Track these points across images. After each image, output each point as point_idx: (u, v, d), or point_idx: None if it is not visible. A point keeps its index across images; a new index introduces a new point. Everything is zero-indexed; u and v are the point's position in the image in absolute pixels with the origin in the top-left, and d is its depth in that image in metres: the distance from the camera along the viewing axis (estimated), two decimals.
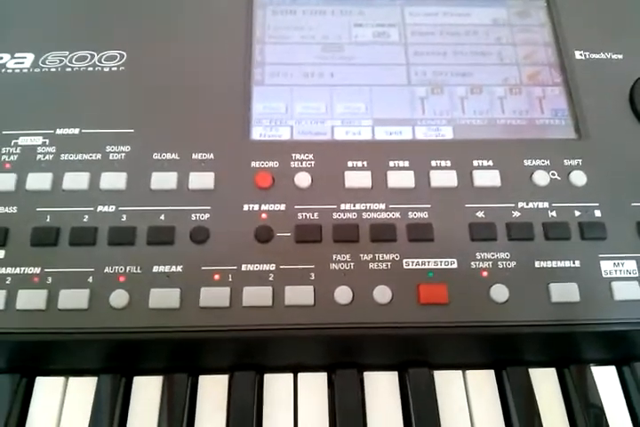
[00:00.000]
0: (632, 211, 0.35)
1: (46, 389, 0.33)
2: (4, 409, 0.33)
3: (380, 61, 0.40)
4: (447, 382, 0.34)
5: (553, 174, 0.36)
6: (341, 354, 0.34)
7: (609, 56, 0.40)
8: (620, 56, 0.40)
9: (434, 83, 0.40)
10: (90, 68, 0.38)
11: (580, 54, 0.40)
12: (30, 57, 0.39)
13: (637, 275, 0.34)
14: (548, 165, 0.36)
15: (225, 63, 0.39)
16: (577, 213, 0.35)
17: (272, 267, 0.33)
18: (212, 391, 0.33)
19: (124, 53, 0.39)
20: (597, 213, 0.35)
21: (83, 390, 0.33)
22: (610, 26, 0.41)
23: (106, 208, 0.34)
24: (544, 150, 0.37)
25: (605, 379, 0.35)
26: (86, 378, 0.34)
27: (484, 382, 0.34)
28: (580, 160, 0.36)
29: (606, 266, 0.34)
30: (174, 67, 0.39)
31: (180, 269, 0.33)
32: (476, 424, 0.33)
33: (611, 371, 0.35)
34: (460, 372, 0.34)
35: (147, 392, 0.33)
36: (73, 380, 0.34)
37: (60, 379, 0.34)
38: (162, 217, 0.34)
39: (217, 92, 0.38)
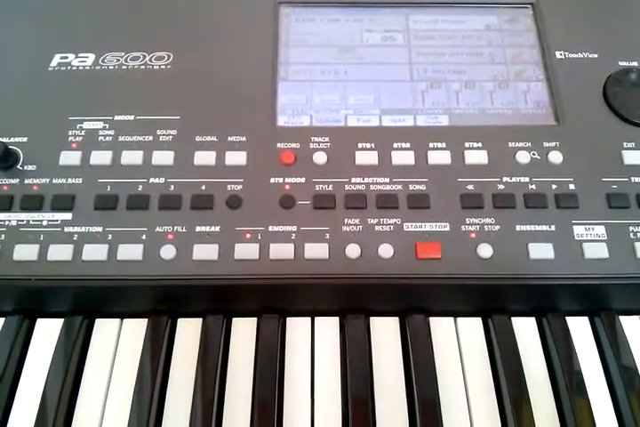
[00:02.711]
0: (602, 185, 0.41)
1: (104, 329, 0.40)
2: (67, 347, 0.39)
3: (386, 61, 0.47)
4: (441, 328, 0.40)
5: (534, 154, 0.42)
6: (351, 301, 0.40)
7: (585, 55, 0.46)
8: (596, 55, 0.46)
9: (433, 79, 0.46)
10: (142, 67, 0.45)
11: (561, 54, 0.46)
12: (92, 57, 0.46)
13: (605, 238, 0.39)
14: (530, 146, 0.42)
15: (255, 63, 0.46)
16: (554, 187, 0.41)
17: (294, 228, 0.39)
18: (244, 331, 0.39)
19: (171, 54, 0.46)
20: (572, 187, 0.41)
21: (135, 330, 0.40)
22: (587, 29, 0.48)
23: (157, 180, 0.41)
24: (526, 134, 0.43)
25: (579, 328, 0.40)
26: (138, 320, 0.40)
27: (472, 328, 0.40)
28: (557, 142, 0.42)
29: (578, 230, 0.40)
30: (213, 65, 0.45)
31: (217, 229, 0.39)
32: (465, 364, 0.39)
33: (583, 321, 0.40)
34: (452, 319, 0.40)
35: (188, 332, 0.40)
36: (127, 321, 0.40)
37: (116, 321, 0.40)
38: (203, 187, 0.41)
39: (249, 86, 0.45)
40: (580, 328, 0.40)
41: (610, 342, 0.39)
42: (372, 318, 0.40)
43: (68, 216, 0.40)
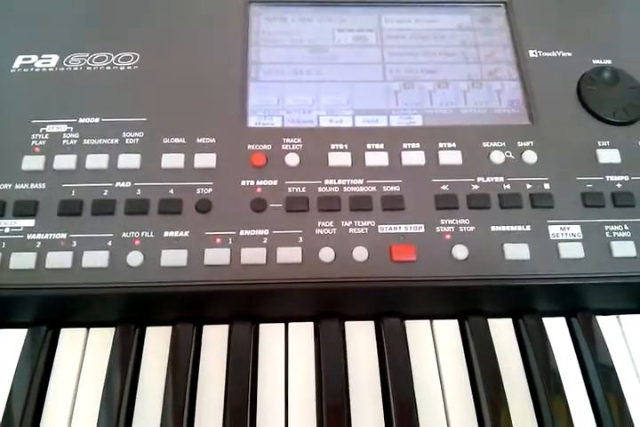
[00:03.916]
0: (577, 184, 0.41)
1: (70, 339, 0.39)
2: (31, 359, 0.37)
3: (359, 61, 0.46)
4: (417, 331, 0.39)
5: (508, 154, 0.42)
6: (325, 306, 0.39)
7: (559, 54, 0.46)
8: (570, 54, 0.46)
9: (406, 79, 0.46)
10: (108, 68, 0.44)
11: (534, 53, 0.46)
12: (55, 58, 0.44)
13: (581, 237, 0.39)
14: (504, 146, 0.42)
15: (225, 63, 0.45)
16: (528, 186, 0.40)
17: (266, 232, 0.38)
18: (215, 339, 0.38)
19: (138, 54, 0.45)
20: (546, 186, 0.40)
21: (102, 340, 0.38)
22: (560, 28, 0.47)
23: (123, 184, 0.40)
24: (500, 134, 0.42)
25: (556, 329, 0.40)
26: (105, 329, 0.39)
27: (448, 330, 0.39)
28: (532, 142, 0.42)
29: (554, 230, 0.39)
30: (181, 66, 0.44)
31: (186, 234, 0.38)
32: (442, 367, 0.38)
33: (560, 322, 0.40)
34: (427, 322, 0.39)
35: (157, 341, 0.38)
36: (94, 331, 0.39)
37: (82, 330, 0.39)
38: (171, 191, 0.39)
39: (219, 87, 0.44)
40: (556, 329, 0.40)
41: (587, 342, 0.39)
42: (346, 323, 0.39)
43: (30, 223, 0.38)
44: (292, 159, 0.41)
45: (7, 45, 0.45)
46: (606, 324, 0.40)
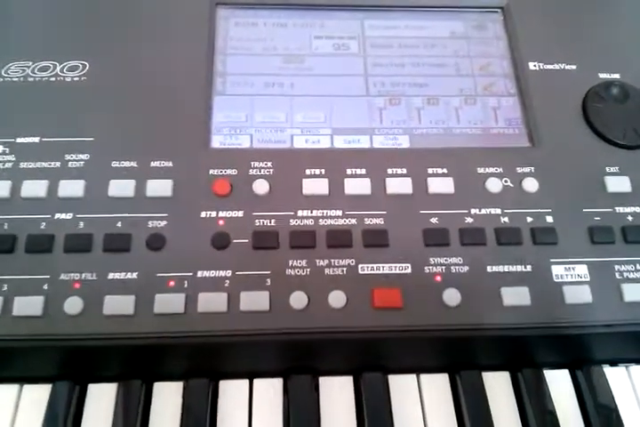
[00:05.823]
0: (583, 216, 0.36)
1: (0, 396, 0.33)
2: None
3: (339, 72, 0.41)
4: (401, 387, 0.34)
5: (506, 181, 0.37)
6: (297, 359, 0.34)
7: (562, 67, 0.41)
8: (574, 67, 0.41)
9: (392, 93, 0.41)
10: (52, 79, 0.39)
11: (534, 65, 0.41)
12: None
13: (588, 279, 0.34)
14: (501, 172, 0.37)
15: (187, 73, 0.39)
16: (529, 219, 0.36)
17: (228, 273, 0.33)
18: (167, 399, 0.33)
19: (87, 64, 0.39)
20: (549, 219, 0.36)
21: (37, 397, 0.33)
22: (564, 38, 0.43)
23: (63, 216, 0.34)
24: (497, 158, 0.38)
25: (558, 382, 0.35)
26: (41, 386, 0.33)
27: (437, 385, 0.34)
28: (532, 168, 0.37)
29: (557, 270, 0.35)
30: (136, 77, 0.39)
31: (135, 275, 0.33)
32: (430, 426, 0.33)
33: (564, 374, 0.35)
34: (414, 376, 0.34)
35: (100, 400, 0.33)
36: (27, 387, 0.33)
37: (15, 386, 0.33)
38: (118, 224, 0.34)
39: (178, 101, 0.38)
40: (559, 382, 0.35)
41: (592, 398, 0.34)
42: (321, 378, 0.34)
43: None
44: (261, 187, 0.36)
45: None
46: (615, 375, 0.36)
